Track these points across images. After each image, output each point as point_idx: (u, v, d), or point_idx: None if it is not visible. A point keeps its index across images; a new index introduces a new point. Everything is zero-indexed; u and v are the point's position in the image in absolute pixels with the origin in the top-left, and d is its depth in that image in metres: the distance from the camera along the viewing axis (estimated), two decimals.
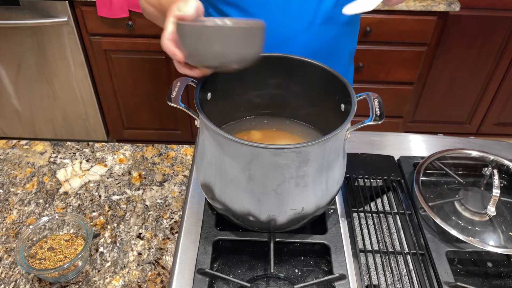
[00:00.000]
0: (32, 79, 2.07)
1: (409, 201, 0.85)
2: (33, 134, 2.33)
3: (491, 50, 2.13)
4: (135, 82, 2.10)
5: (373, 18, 1.86)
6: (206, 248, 0.74)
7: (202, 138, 0.71)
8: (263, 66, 0.81)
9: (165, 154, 1.07)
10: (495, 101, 2.33)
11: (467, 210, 0.81)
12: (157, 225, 0.89)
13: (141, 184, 0.99)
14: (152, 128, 2.32)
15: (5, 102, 2.18)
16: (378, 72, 2.05)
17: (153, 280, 0.79)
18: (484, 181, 0.90)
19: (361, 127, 0.69)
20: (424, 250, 0.76)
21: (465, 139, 1.02)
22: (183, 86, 0.75)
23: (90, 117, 2.24)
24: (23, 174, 1.00)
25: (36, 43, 1.94)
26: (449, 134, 1.53)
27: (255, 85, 0.85)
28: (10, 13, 1.84)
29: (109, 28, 1.89)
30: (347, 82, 0.73)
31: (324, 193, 0.71)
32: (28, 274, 0.80)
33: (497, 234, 0.79)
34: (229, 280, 0.71)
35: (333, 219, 0.80)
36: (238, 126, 0.90)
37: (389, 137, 1.03)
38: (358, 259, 0.75)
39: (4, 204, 0.93)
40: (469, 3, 1.96)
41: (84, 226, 0.81)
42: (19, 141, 1.10)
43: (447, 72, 2.20)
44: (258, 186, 0.66)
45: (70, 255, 0.79)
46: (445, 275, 0.71)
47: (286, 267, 0.75)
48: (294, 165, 0.64)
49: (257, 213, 0.69)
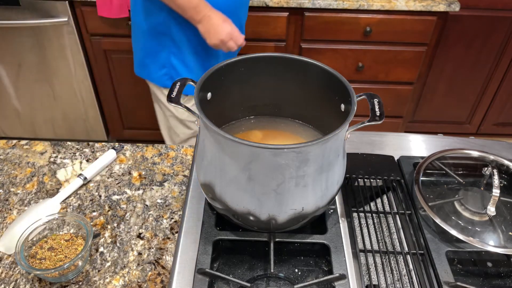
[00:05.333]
0: (32, 79, 2.07)
1: (409, 201, 0.85)
2: (33, 134, 2.33)
3: (491, 50, 2.13)
4: (135, 82, 2.09)
5: (373, 18, 1.86)
6: (206, 248, 0.74)
7: (202, 138, 0.72)
8: (263, 66, 0.82)
9: (165, 154, 1.07)
10: (495, 101, 2.33)
11: (467, 210, 0.82)
12: (157, 225, 0.89)
13: (141, 184, 0.99)
14: (152, 128, 2.31)
15: (5, 102, 2.18)
16: (378, 72, 2.05)
17: (153, 280, 0.80)
18: (484, 181, 0.90)
19: (361, 127, 0.69)
20: (424, 250, 0.76)
21: (465, 139, 1.02)
22: (183, 86, 0.75)
23: (90, 117, 2.24)
24: (23, 174, 1.00)
25: (36, 43, 1.94)
26: (449, 134, 1.53)
27: (255, 85, 0.85)
28: (10, 13, 1.84)
29: (109, 28, 1.89)
30: (347, 82, 0.73)
31: (324, 193, 0.71)
32: (28, 274, 0.80)
33: (497, 234, 0.79)
34: (229, 280, 0.71)
35: (333, 219, 0.80)
36: (238, 126, 0.90)
37: (389, 137, 1.03)
38: (358, 259, 0.75)
39: (4, 204, 0.93)
40: (469, 3, 1.96)
41: (84, 226, 0.81)
42: (19, 141, 1.10)
43: (447, 72, 2.20)
44: (258, 186, 0.66)
45: (70, 255, 0.79)
46: (445, 275, 0.71)
47: (286, 267, 0.75)
48: (294, 165, 0.64)
49: (257, 213, 0.69)
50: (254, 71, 0.82)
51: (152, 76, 1.42)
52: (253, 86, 0.85)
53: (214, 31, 1.22)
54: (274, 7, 1.80)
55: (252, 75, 0.82)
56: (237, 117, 0.90)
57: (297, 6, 1.80)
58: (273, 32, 1.89)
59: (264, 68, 0.81)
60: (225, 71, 0.78)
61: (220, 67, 0.77)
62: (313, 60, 0.78)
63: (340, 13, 1.84)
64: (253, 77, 0.83)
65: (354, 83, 2.08)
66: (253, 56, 0.80)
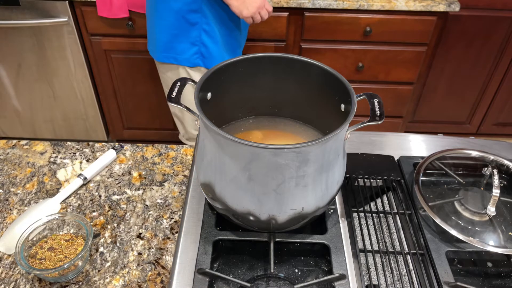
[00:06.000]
0: (32, 79, 2.07)
1: (409, 201, 0.85)
2: (33, 134, 2.33)
3: (491, 50, 2.13)
4: (135, 82, 2.10)
5: (373, 18, 1.86)
6: (206, 248, 0.74)
7: (202, 138, 0.72)
8: (263, 66, 0.81)
9: (165, 154, 1.07)
10: (495, 101, 2.33)
11: (467, 210, 0.82)
12: (157, 225, 0.89)
13: (141, 184, 0.99)
14: (152, 128, 2.32)
15: (5, 102, 2.18)
16: (378, 72, 2.05)
17: (153, 280, 0.80)
18: (484, 181, 0.90)
19: (361, 127, 0.69)
20: (424, 250, 0.76)
21: (465, 139, 1.02)
22: (183, 86, 0.75)
23: (90, 117, 2.24)
24: (23, 174, 1.00)
25: (36, 43, 1.94)
26: (449, 134, 1.54)
27: (255, 85, 0.85)
28: (10, 13, 1.84)
29: (109, 28, 1.89)
30: (347, 82, 0.73)
31: (324, 193, 0.71)
32: (28, 274, 0.80)
33: (497, 234, 0.79)
34: (229, 280, 0.71)
35: (333, 219, 0.80)
36: (238, 126, 0.90)
37: (389, 137, 1.03)
38: (358, 259, 0.75)
39: (4, 204, 0.93)
40: (469, 3, 1.96)
41: (84, 226, 0.81)
42: (19, 141, 1.10)
43: (447, 72, 2.20)
44: (258, 186, 0.66)
45: (70, 255, 0.79)
46: (445, 275, 0.71)
47: (286, 267, 0.75)
48: (294, 165, 0.64)
49: (257, 213, 0.69)
50: (254, 71, 0.82)
51: (181, 57, 1.44)
52: (253, 86, 0.85)
53: (250, 1, 1.31)
54: (274, 7, 1.80)
55: (252, 75, 0.82)
56: (237, 117, 0.90)
57: (297, 6, 1.80)
58: (273, 32, 1.89)
59: (264, 68, 0.81)
60: (225, 71, 0.78)
61: (220, 67, 0.77)
62: (313, 60, 0.78)
63: (340, 13, 1.84)
64: (253, 77, 0.83)
65: (354, 83, 2.08)
66: (253, 56, 0.80)
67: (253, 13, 1.33)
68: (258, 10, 1.33)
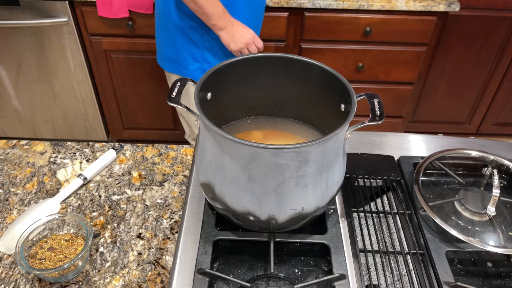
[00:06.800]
0: (32, 79, 2.07)
1: (409, 201, 0.85)
2: (33, 134, 2.33)
3: (491, 50, 2.13)
4: (135, 82, 2.10)
5: (373, 18, 1.86)
6: (206, 248, 0.74)
7: (202, 138, 0.72)
8: (263, 66, 0.81)
9: (165, 154, 1.07)
10: (495, 101, 2.33)
11: (467, 210, 0.82)
12: (157, 225, 0.89)
13: (141, 184, 0.99)
14: (152, 128, 2.32)
15: (5, 102, 2.18)
16: (378, 72, 2.05)
17: (153, 280, 0.80)
18: (484, 181, 0.90)
19: (361, 127, 0.69)
20: (424, 250, 0.76)
21: (465, 139, 1.02)
22: (183, 86, 0.75)
23: (90, 117, 2.24)
24: (23, 174, 1.00)
25: (36, 43, 1.94)
26: (449, 134, 1.54)
27: (255, 85, 0.85)
28: (10, 13, 1.84)
29: (109, 28, 1.89)
30: (347, 82, 0.73)
31: (324, 193, 0.71)
32: (28, 274, 0.80)
33: (497, 234, 0.79)
34: (229, 280, 0.71)
35: (333, 219, 0.80)
36: (238, 126, 0.90)
37: (389, 137, 1.03)
38: (358, 259, 0.75)
39: (4, 204, 0.93)
40: (469, 3, 1.96)
41: (84, 226, 0.81)
42: (19, 141, 1.10)
43: (447, 72, 2.20)
44: (258, 186, 0.66)
45: (70, 255, 0.79)
46: (445, 275, 0.71)
47: (286, 267, 0.75)
48: (294, 165, 0.64)
49: (257, 213, 0.69)
50: (254, 71, 0.82)
51: (186, 71, 1.46)
52: (253, 86, 0.85)
53: (239, 36, 1.32)
54: (274, 7, 1.80)
55: (252, 75, 0.82)
56: (237, 117, 0.90)
57: (297, 6, 1.80)
58: (273, 32, 1.89)
59: (264, 68, 0.81)
60: (225, 71, 0.78)
61: (220, 67, 0.77)
62: (313, 60, 0.78)
63: (340, 13, 1.84)
64: (253, 77, 0.83)
65: (354, 83, 2.08)
66: (253, 56, 0.80)
67: (240, 48, 1.34)
68: (246, 46, 1.34)
